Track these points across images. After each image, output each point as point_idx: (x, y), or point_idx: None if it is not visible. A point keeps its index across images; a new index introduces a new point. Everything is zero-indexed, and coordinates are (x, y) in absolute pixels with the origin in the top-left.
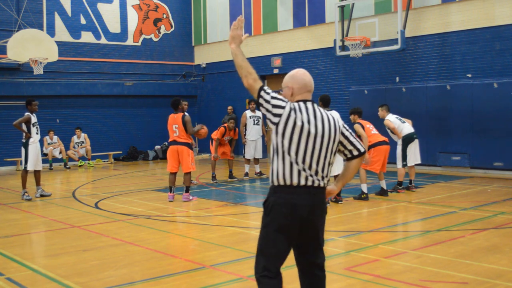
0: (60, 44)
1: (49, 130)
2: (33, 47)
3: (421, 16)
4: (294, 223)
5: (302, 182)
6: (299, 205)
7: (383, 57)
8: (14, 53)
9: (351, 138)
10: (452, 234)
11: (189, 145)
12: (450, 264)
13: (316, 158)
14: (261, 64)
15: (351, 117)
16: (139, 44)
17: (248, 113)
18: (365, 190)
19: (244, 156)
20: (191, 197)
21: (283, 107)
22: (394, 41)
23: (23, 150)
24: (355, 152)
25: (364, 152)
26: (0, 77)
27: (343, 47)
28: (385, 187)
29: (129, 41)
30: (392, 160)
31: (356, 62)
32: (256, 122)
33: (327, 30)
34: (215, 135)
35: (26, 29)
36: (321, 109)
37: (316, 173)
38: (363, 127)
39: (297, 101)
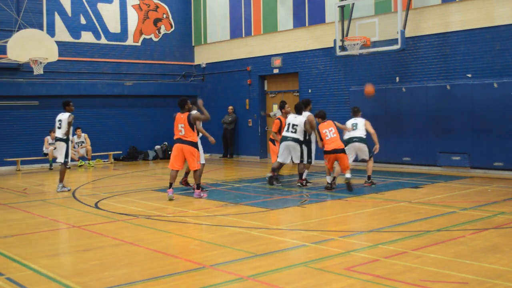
0: (60, 44)
1: (50, 130)
2: (33, 47)
3: (421, 16)
4: None
5: None
6: None
7: (383, 57)
8: (14, 53)
9: None
10: (452, 234)
11: (194, 144)
12: (450, 264)
13: None
14: (261, 64)
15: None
16: (139, 44)
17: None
18: (328, 181)
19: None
20: (202, 194)
21: None
22: (394, 41)
23: (63, 145)
24: None
25: None
26: (0, 77)
27: (343, 47)
28: (329, 181)
29: (129, 41)
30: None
31: (356, 62)
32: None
33: (327, 30)
34: (276, 129)
35: (26, 29)
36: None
37: None
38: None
39: None
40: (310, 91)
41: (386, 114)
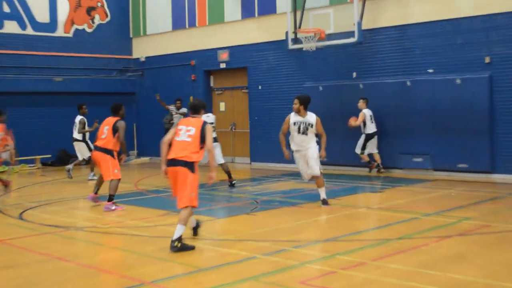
0: None
1: None
2: None
3: (379, 7)
4: None
5: None
6: None
7: (339, 51)
8: None
9: None
10: (414, 242)
11: (110, 153)
12: (413, 275)
13: None
14: (206, 58)
15: None
16: (70, 35)
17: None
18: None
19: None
20: (113, 207)
21: None
22: (350, 34)
23: (83, 145)
24: None
25: None
26: None
27: (296, 40)
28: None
29: (59, 32)
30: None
31: (310, 56)
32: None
33: (279, 21)
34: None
35: None
36: None
37: None
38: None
39: None
40: (260, 87)
41: (342, 113)
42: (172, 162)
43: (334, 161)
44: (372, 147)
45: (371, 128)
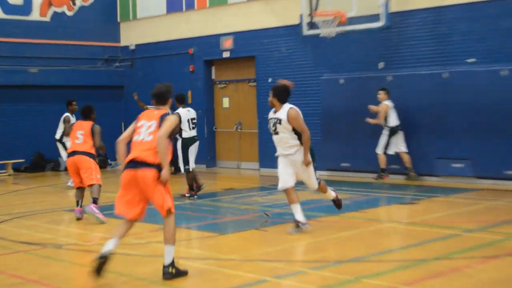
0: None
1: None
2: None
3: None
4: None
5: None
6: None
7: (363, 38)
8: None
9: None
10: (454, 263)
11: (93, 157)
12: None
13: None
14: (207, 46)
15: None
16: (47, 19)
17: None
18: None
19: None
20: (97, 211)
21: None
22: (376, 17)
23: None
24: None
25: None
26: None
27: (312, 25)
28: None
29: (34, 15)
30: None
31: (329, 44)
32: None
33: (292, 3)
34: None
35: None
36: None
37: None
38: None
39: None
40: (270, 80)
41: (366, 110)
42: (133, 164)
43: (357, 167)
44: (398, 144)
45: (394, 120)
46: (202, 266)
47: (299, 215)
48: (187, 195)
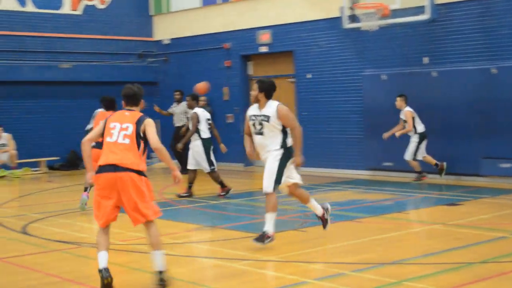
0: None
1: None
2: None
3: None
4: None
5: None
6: None
7: (406, 31)
8: None
9: None
10: (502, 267)
11: None
12: None
13: None
14: (243, 40)
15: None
16: (79, 12)
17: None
18: None
19: None
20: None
21: None
22: (421, 10)
23: None
24: None
25: None
26: None
27: (353, 18)
28: None
29: (65, 9)
30: None
31: (371, 38)
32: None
33: None
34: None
35: None
36: None
37: None
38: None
39: None
40: (309, 75)
41: (410, 107)
42: (110, 168)
43: (400, 167)
44: (424, 149)
45: (420, 125)
46: (240, 267)
47: (270, 227)
48: (222, 193)
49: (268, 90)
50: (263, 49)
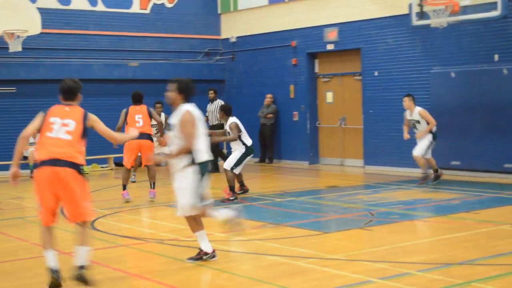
0: (43, 12)
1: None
2: (7, 17)
3: None
4: None
5: None
6: None
7: (477, 28)
8: None
9: None
10: None
11: (151, 138)
12: None
13: None
14: (309, 38)
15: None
16: (147, 11)
17: None
18: None
19: None
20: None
21: None
22: (492, 6)
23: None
24: None
25: None
26: None
27: (422, 14)
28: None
29: (135, 8)
30: None
31: (440, 35)
32: None
33: None
34: None
35: None
36: None
37: None
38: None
39: None
40: (376, 73)
41: (480, 105)
42: (50, 162)
43: (470, 166)
44: (431, 150)
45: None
46: (305, 265)
47: (206, 246)
48: (231, 198)
49: (187, 91)
50: (330, 47)
